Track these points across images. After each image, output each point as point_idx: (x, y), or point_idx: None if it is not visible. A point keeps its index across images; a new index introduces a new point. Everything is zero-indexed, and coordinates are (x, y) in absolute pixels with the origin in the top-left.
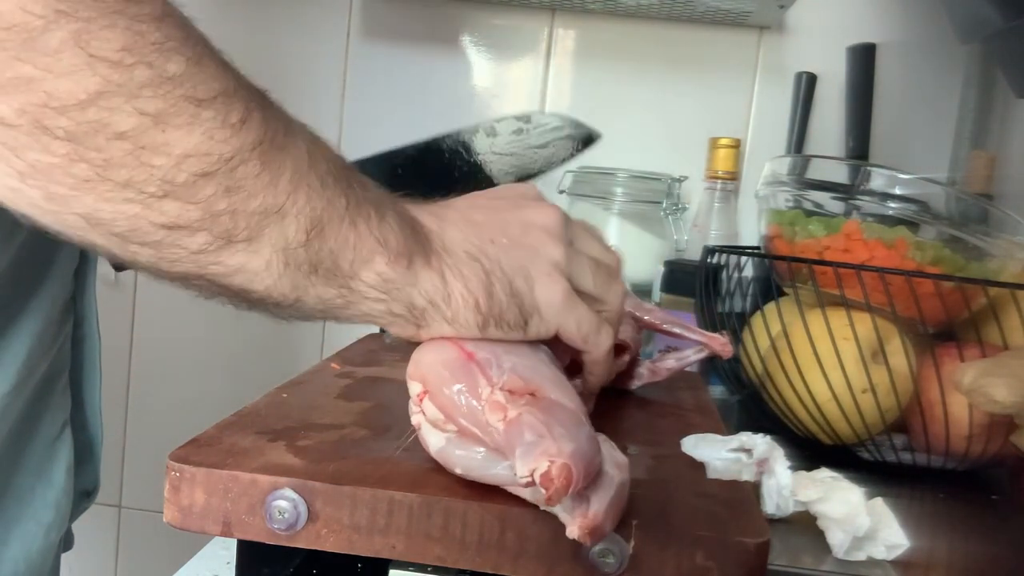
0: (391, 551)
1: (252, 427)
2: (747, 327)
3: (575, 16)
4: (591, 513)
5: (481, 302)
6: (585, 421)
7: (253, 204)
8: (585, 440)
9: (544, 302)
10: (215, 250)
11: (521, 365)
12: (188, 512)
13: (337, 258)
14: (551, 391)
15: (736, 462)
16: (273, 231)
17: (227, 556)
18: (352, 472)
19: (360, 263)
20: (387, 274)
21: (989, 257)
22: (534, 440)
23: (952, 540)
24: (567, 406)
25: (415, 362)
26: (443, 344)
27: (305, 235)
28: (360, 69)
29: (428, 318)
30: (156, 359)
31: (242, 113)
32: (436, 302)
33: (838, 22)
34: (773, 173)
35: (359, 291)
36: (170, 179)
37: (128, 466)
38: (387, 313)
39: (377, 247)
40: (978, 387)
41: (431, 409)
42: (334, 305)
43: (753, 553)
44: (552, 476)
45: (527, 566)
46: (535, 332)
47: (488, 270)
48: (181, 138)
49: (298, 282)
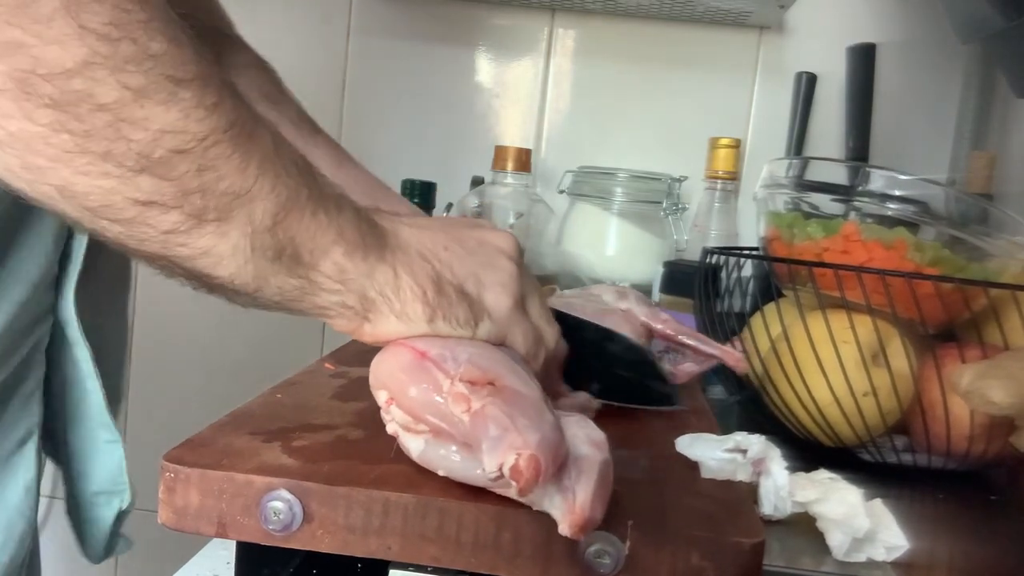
0: (386, 552)
1: (246, 428)
2: (747, 328)
3: (575, 16)
4: (577, 507)
5: (429, 294)
6: (547, 408)
7: (224, 185)
8: (549, 428)
9: (493, 307)
10: (185, 230)
11: (477, 355)
12: (183, 513)
13: (299, 246)
14: (510, 379)
15: (731, 462)
16: (241, 213)
17: (227, 556)
18: (347, 473)
19: (320, 253)
20: (344, 264)
21: (989, 257)
22: (498, 434)
23: (952, 541)
24: (528, 394)
25: (373, 373)
26: (396, 348)
27: (271, 220)
28: (360, 69)
29: (377, 310)
30: (156, 359)
31: (215, 97)
32: (386, 294)
33: (838, 22)
34: (771, 175)
35: (317, 282)
36: (147, 154)
37: (128, 466)
38: (339, 305)
39: (336, 237)
40: (975, 389)
41: (399, 414)
42: (292, 296)
43: (748, 553)
44: (521, 468)
45: (522, 566)
46: (485, 334)
47: (438, 270)
48: (159, 114)
49: (261, 270)
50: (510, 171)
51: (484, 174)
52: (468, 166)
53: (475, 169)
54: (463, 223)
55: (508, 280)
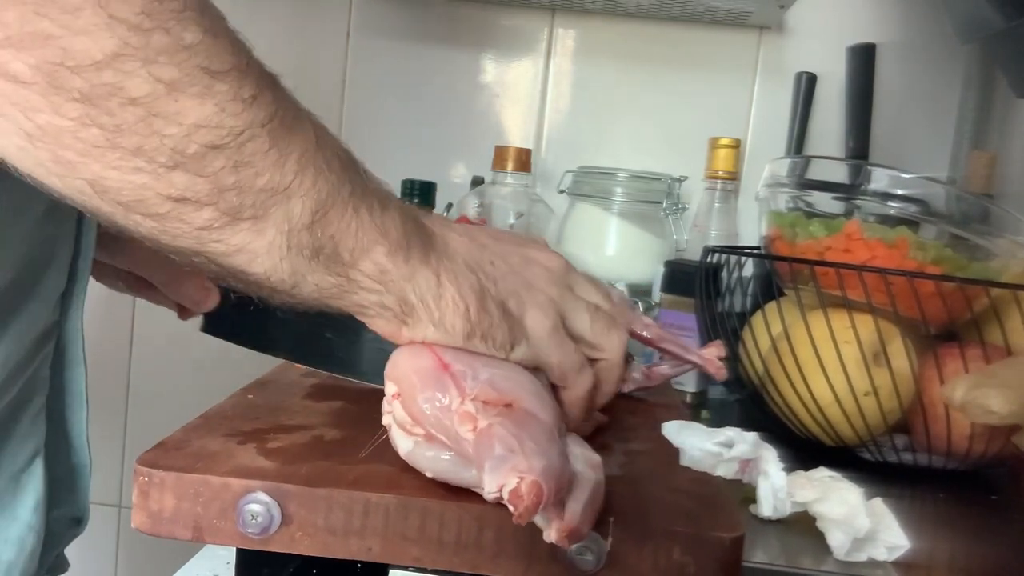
0: (367, 553)
1: (220, 429)
2: (747, 327)
3: (575, 16)
4: (567, 516)
5: (472, 311)
6: (557, 436)
7: (260, 181)
8: (556, 456)
9: (532, 329)
10: (219, 227)
11: (499, 376)
12: (158, 518)
13: (338, 245)
14: (528, 402)
15: (713, 455)
16: (278, 211)
17: (227, 556)
18: (326, 474)
19: (360, 251)
20: (385, 265)
21: (991, 257)
22: (503, 455)
23: (953, 541)
24: (541, 419)
25: (393, 363)
26: (422, 350)
27: (310, 217)
28: (360, 69)
29: (416, 316)
30: (156, 359)
31: (253, 90)
32: (427, 301)
33: (838, 22)
34: (773, 175)
35: (356, 280)
36: (180, 149)
37: (128, 466)
38: (378, 305)
39: (378, 237)
40: (972, 399)
41: (400, 412)
42: (329, 294)
43: (728, 547)
44: (522, 493)
45: (505, 565)
46: (519, 357)
47: (483, 284)
48: (193, 108)
49: (298, 267)
50: (510, 171)
51: (484, 174)
52: (468, 166)
53: (475, 169)
54: (511, 238)
55: (549, 303)
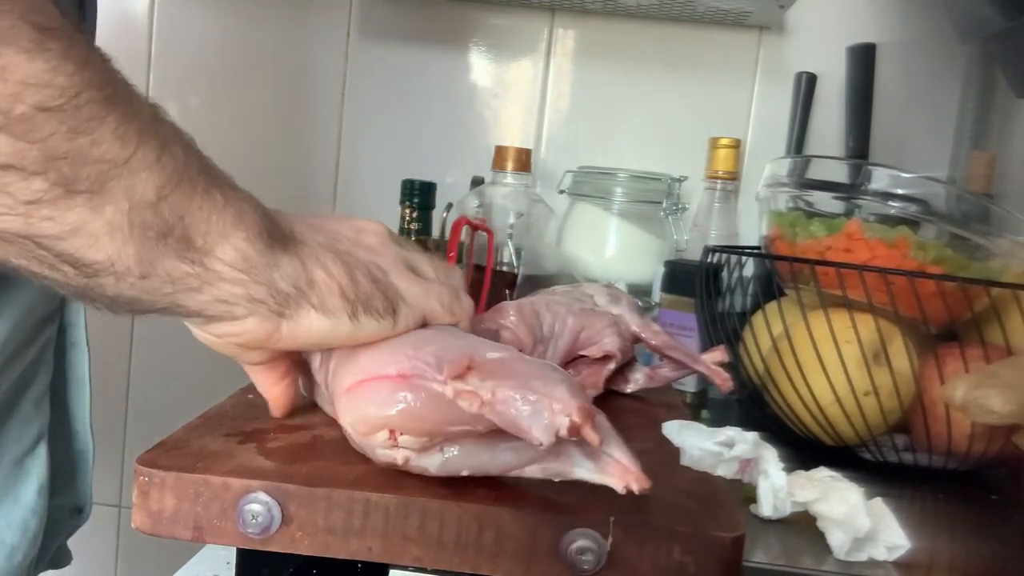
0: (367, 553)
1: (220, 429)
2: (748, 327)
3: (575, 16)
4: (627, 462)
5: (346, 288)
6: (534, 358)
7: (98, 151)
8: (560, 374)
9: (403, 288)
10: (51, 200)
11: (440, 347)
12: (158, 518)
13: (189, 227)
14: (479, 352)
15: (713, 455)
16: (118, 186)
17: (227, 556)
18: (326, 473)
19: (216, 236)
20: (246, 251)
21: (991, 256)
22: (530, 408)
23: (953, 541)
24: (505, 355)
25: (360, 421)
26: (366, 386)
27: (154, 194)
28: (360, 69)
29: (294, 305)
30: (156, 359)
31: (85, 53)
32: (300, 287)
33: (838, 22)
34: (773, 175)
35: (215, 270)
36: (6, 110)
37: (128, 466)
38: (246, 300)
39: (235, 221)
40: (972, 399)
41: (412, 441)
42: (187, 286)
43: (729, 547)
44: (578, 422)
45: (505, 565)
46: (404, 323)
47: (344, 259)
48: (21, 64)
49: (145, 252)
50: (510, 171)
51: (484, 174)
52: (468, 166)
53: (475, 169)
54: (331, 218)
55: (399, 259)
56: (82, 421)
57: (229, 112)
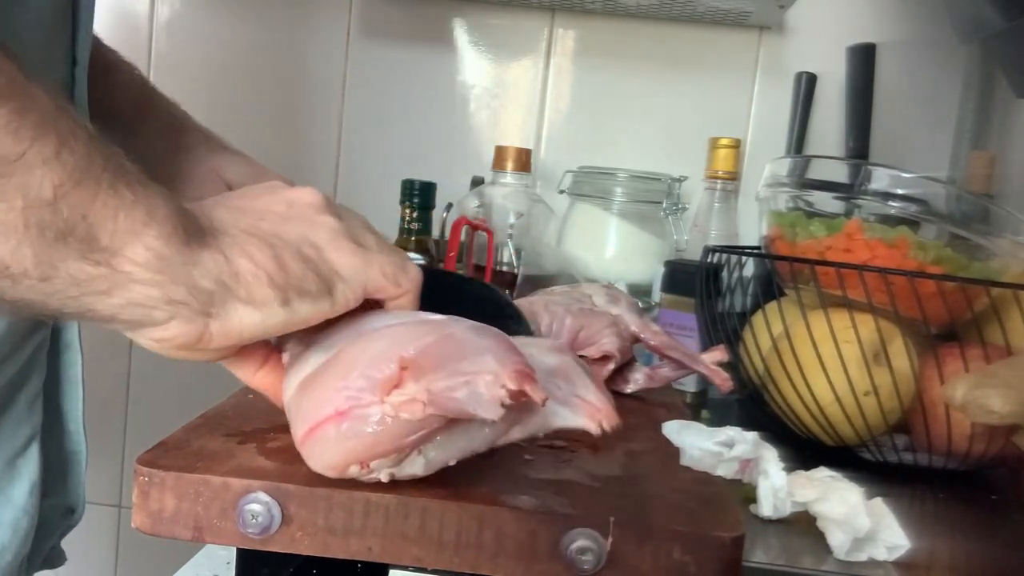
0: (367, 553)
1: (220, 429)
2: (748, 326)
3: (575, 16)
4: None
5: (274, 275)
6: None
7: None
8: (486, 340)
9: (340, 263)
10: None
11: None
12: (158, 518)
13: (93, 227)
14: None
15: (713, 455)
16: (10, 184)
17: (227, 556)
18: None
19: (125, 235)
20: (161, 250)
21: (991, 256)
22: (467, 391)
23: (953, 541)
24: (436, 340)
25: (325, 469)
26: (314, 437)
27: (52, 192)
28: (360, 69)
29: (219, 302)
30: (156, 359)
31: None
32: (224, 281)
33: (838, 22)
34: (773, 175)
35: (125, 271)
36: None
37: (128, 466)
38: (165, 302)
39: (146, 218)
40: (972, 399)
41: (383, 462)
42: (95, 289)
43: (729, 547)
44: (515, 389)
45: (505, 565)
46: (343, 300)
47: (270, 243)
48: None
49: (43, 253)
50: (510, 171)
51: (484, 174)
52: (468, 166)
53: (475, 169)
54: (262, 190)
55: (335, 231)
56: (75, 422)
57: (229, 112)
